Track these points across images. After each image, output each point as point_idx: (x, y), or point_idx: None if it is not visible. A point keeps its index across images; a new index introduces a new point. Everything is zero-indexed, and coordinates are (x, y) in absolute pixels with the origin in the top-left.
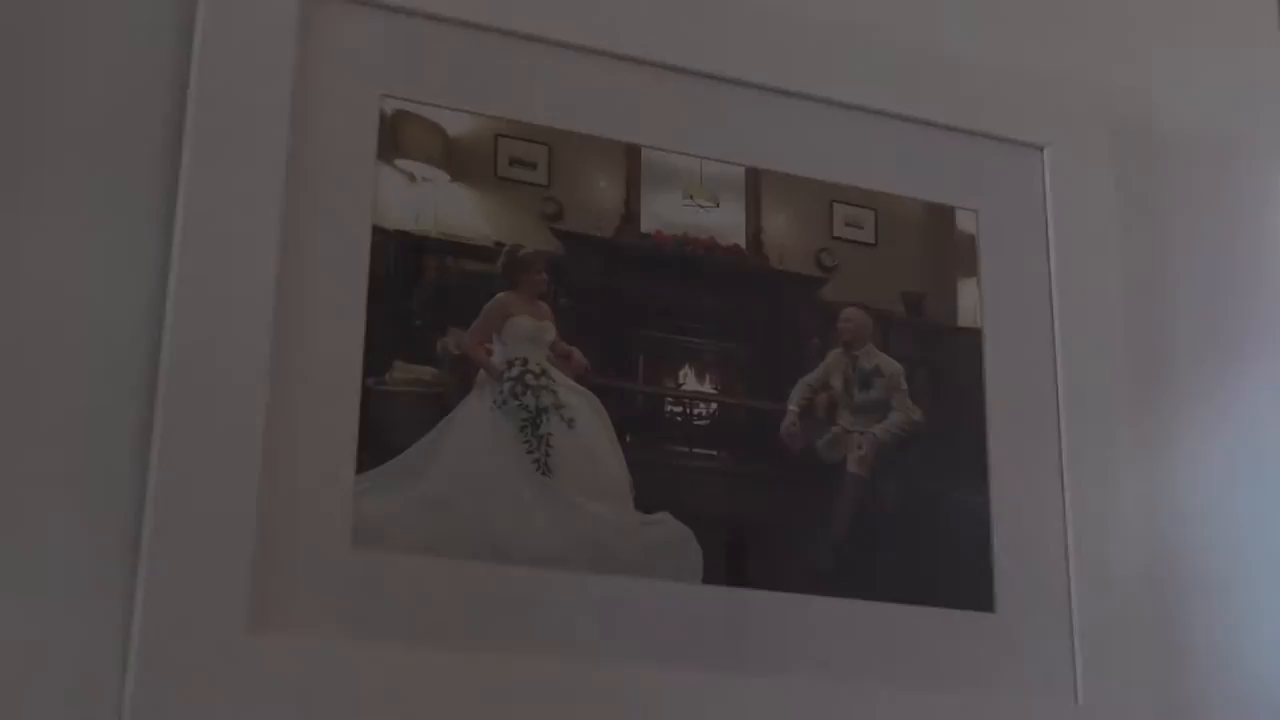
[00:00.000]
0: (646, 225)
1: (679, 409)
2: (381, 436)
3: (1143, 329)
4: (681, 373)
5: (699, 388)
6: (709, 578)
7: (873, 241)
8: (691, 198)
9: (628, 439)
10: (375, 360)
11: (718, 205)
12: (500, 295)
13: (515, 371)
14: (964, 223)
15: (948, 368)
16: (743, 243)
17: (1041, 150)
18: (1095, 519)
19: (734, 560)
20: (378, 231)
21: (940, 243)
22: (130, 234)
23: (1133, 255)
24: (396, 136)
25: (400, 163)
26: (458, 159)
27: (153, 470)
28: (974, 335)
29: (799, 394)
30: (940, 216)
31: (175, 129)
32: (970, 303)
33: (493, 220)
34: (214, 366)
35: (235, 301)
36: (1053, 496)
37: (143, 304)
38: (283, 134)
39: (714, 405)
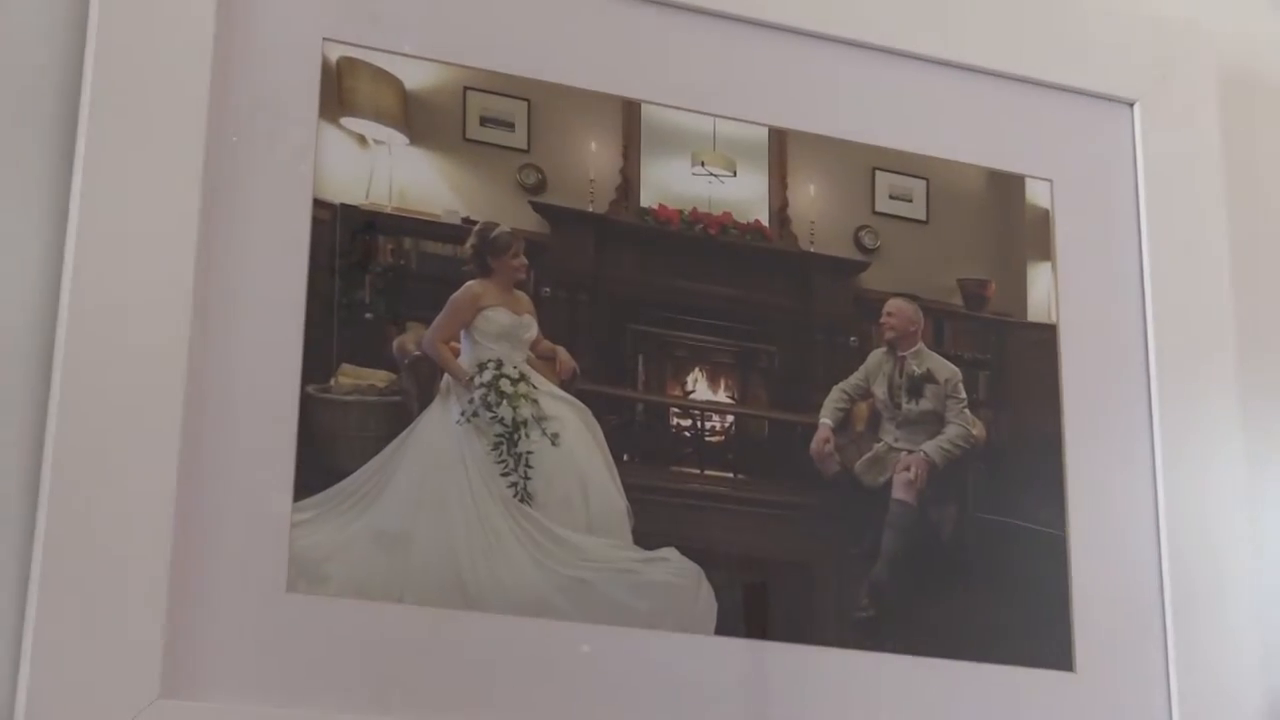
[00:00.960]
0: (647, 198)
1: (687, 422)
2: (324, 456)
3: (1257, 322)
4: (690, 378)
5: (711, 396)
6: (724, 628)
7: (924, 218)
8: (703, 165)
9: (625, 458)
10: (316, 363)
11: (734, 174)
12: (470, 284)
13: (488, 376)
14: (1036, 195)
15: (1016, 371)
16: (765, 219)
17: (1131, 105)
18: (1198, 557)
19: (754, 607)
20: (320, 206)
21: (1007, 219)
22: (13, 221)
23: (1242, 230)
24: (343, 90)
25: (348, 122)
26: (418, 117)
27: (43, 500)
28: (1048, 331)
29: (834, 404)
30: (1007, 187)
31: (70, 83)
32: (1044, 292)
33: (461, 192)
34: (117, 373)
35: (144, 295)
36: (1145, 530)
37: (29, 300)
38: (201, 88)
39: (730, 418)
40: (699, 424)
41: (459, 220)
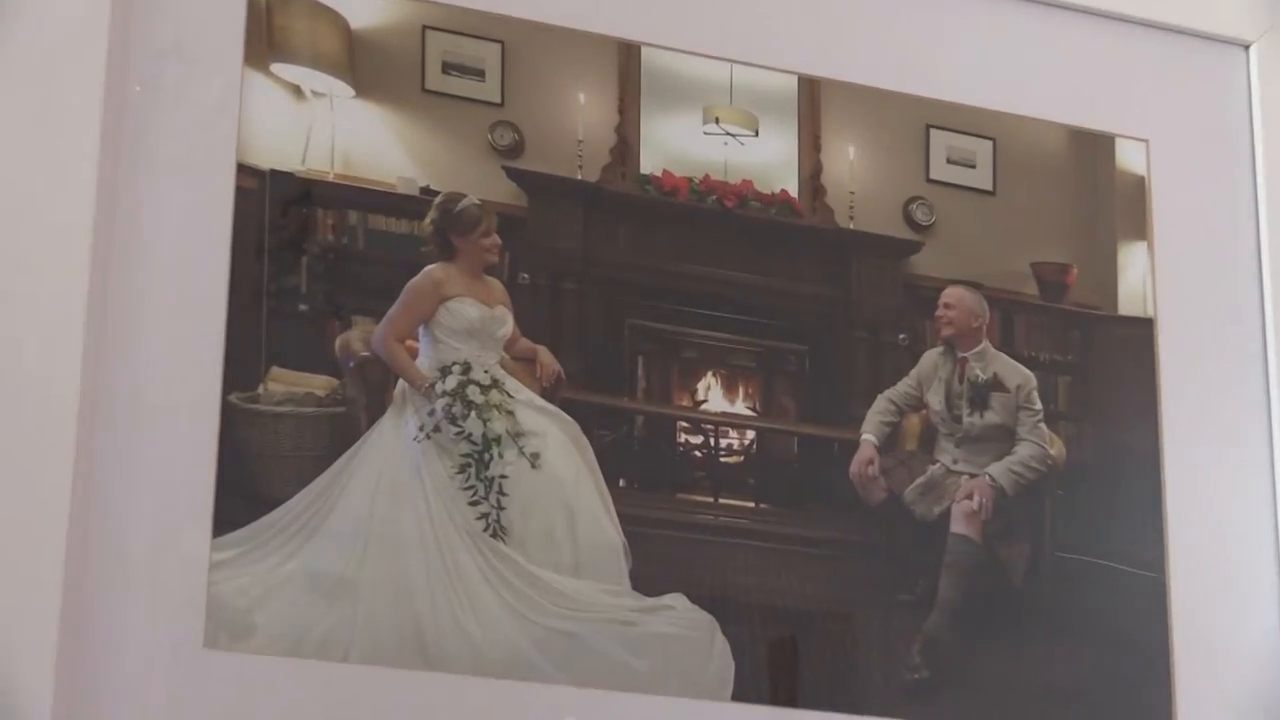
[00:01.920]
0: (649, 163)
1: (698, 439)
2: (250, 481)
3: None
4: (702, 385)
5: (728, 407)
6: (743, 693)
7: (989, 187)
8: (717, 122)
9: (621, 483)
10: (242, 366)
11: (755, 133)
12: (431, 269)
13: (453, 382)
14: (1129, 158)
15: (1104, 376)
16: (793, 189)
17: (1246, 49)
18: None
19: (780, 667)
20: (245, 173)
21: (1093, 189)
22: None
23: None
24: (273, 30)
25: (280, 69)
26: (366, 64)
27: None
28: (1144, 326)
29: (879, 417)
30: (1093, 149)
31: None
32: (1138, 278)
33: (419, 156)
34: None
35: (28, 283)
36: (1265, 571)
37: None
38: (98, 29)
39: (750, 434)
40: (712, 441)
41: (417, 190)
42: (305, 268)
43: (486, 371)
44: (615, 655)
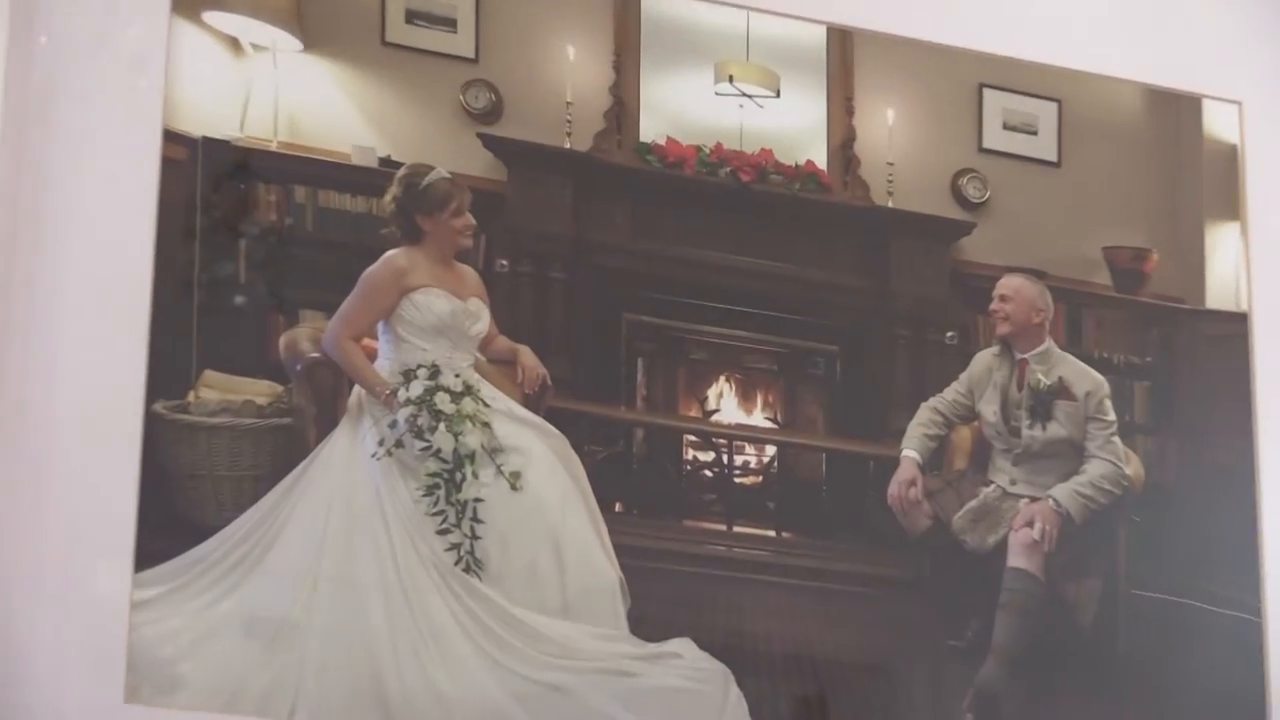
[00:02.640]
0: (651, 129)
1: (708, 456)
2: (178, 505)
3: None
4: (713, 391)
5: (744, 418)
6: None
7: (1053, 158)
8: (731, 80)
9: (618, 508)
10: (168, 370)
11: (777, 94)
12: (393, 255)
13: (419, 389)
14: (1218, 122)
15: (1189, 381)
16: (822, 160)
17: None
18: None
19: None
20: (173, 141)
21: (1177, 160)
22: None
23: None
24: None
25: (213, 19)
26: (316, 13)
27: None
28: (1236, 322)
29: (922, 430)
30: (1177, 113)
31: None
32: (1229, 266)
33: (378, 121)
34: None
35: None
36: None
37: None
38: None
39: (770, 450)
40: (725, 458)
41: (375, 162)
42: (243, 253)
43: (458, 376)
44: (611, 712)
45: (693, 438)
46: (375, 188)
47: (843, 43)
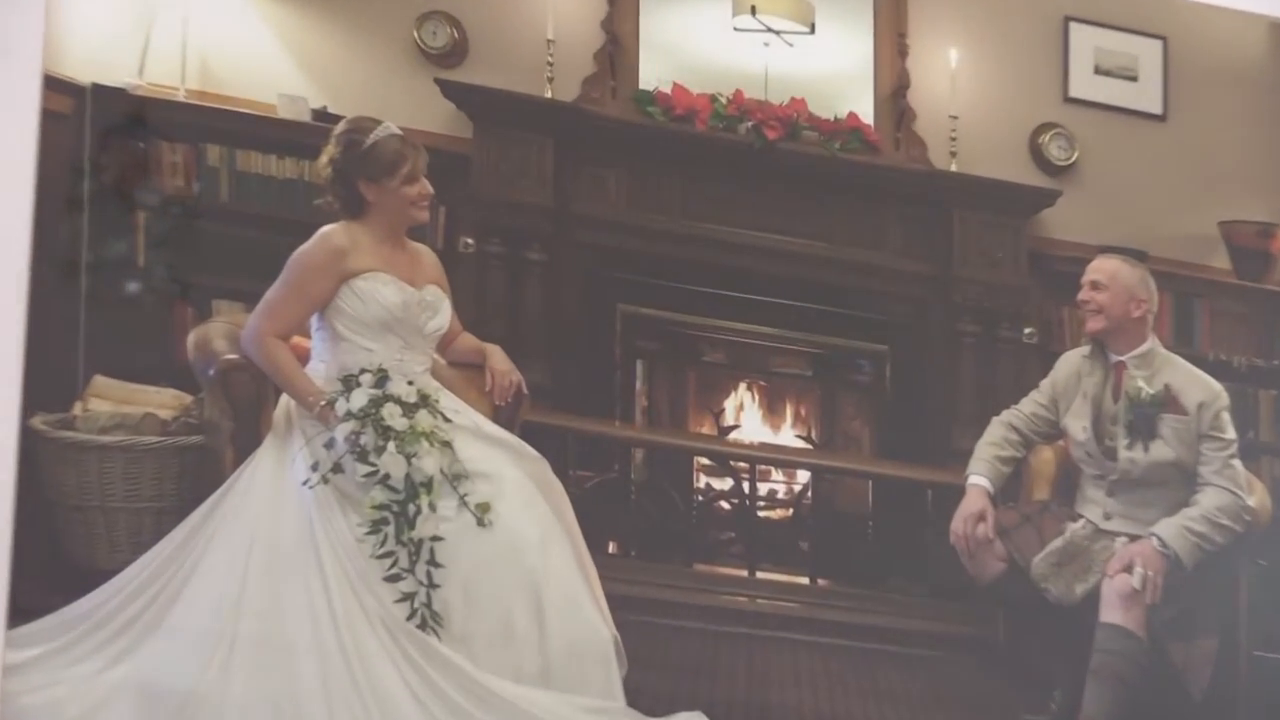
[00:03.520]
0: (651, 74)
1: (725, 483)
2: (62, 546)
3: None
4: (732, 401)
5: (770, 435)
6: None
7: (1158, 110)
8: (753, 12)
9: (612, 549)
10: (49, 375)
11: (812, 30)
12: (330, 231)
13: (362, 398)
14: None
15: None
16: (868, 112)
17: None
18: None
19: None
20: (55, 89)
21: None
22: None
23: None
24: None
25: None
26: None
27: None
28: None
29: (994, 450)
30: None
31: None
32: None
33: (313, 64)
34: None
35: None
36: None
37: None
38: None
39: (803, 478)
40: (747, 487)
41: (309, 115)
42: (141, 228)
43: (411, 383)
44: None
45: (706, 461)
46: (308, 147)
47: None
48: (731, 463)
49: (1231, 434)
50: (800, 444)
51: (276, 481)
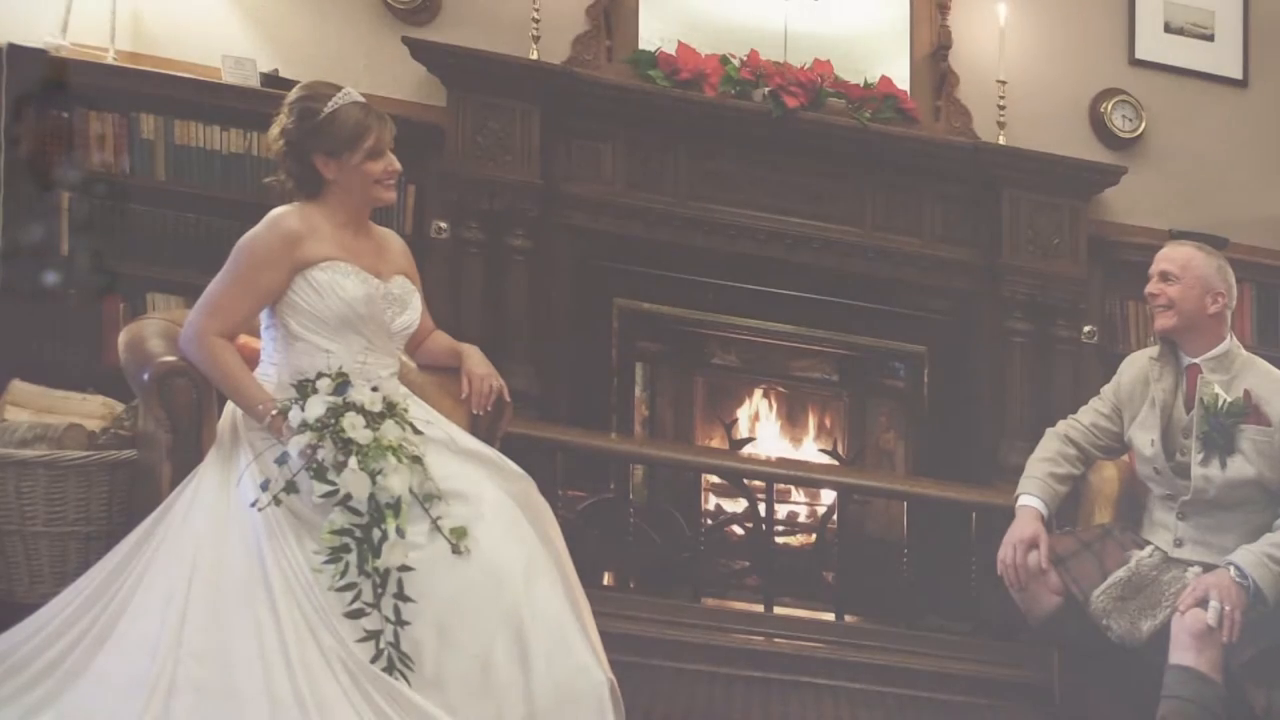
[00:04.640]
0: (653, 32)
1: (737, 505)
2: None
3: None
4: (746, 410)
5: (789, 450)
6: None
7: (1238, 74)
8: None
9: (607, 580)
10: None
11: None
12: (282, 213)
13: (319, 408)
14: None
15: None
16: (903, 77)
17: None
18: None
19: None
20: None
21: None
22: None
23: None
24: None
25: None
26: None
27: None
28: None
29: (1048, 468)
30: None
31: None
32: None
33: (263, 22)
34: None
35: None
36: None
37: None
38: None
39: (828, 498)
40: (763, 509)
41: (258, 80)
42: (64, 210)
43: (375, 389)
44: None
45: (715, 479)
46: (256, 117)
47: None
48: (745, 481)
49: None
50: (824, 459)
51: (220, 503)
